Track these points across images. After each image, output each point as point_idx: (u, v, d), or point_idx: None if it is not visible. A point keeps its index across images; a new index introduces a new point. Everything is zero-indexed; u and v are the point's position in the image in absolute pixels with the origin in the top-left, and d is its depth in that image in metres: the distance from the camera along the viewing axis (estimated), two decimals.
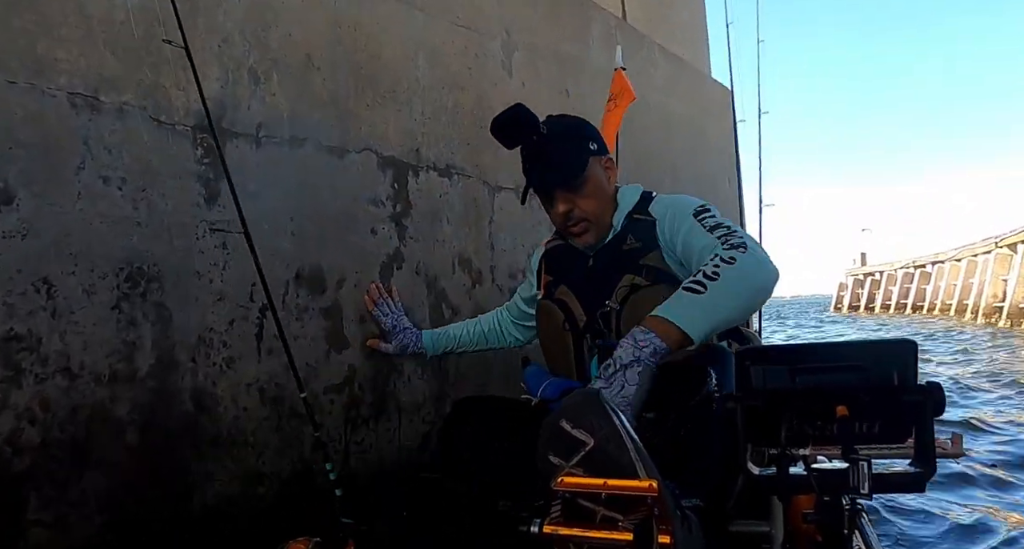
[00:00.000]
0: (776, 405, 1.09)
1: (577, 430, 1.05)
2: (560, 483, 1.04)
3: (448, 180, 2.92)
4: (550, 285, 1.79)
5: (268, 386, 2.19)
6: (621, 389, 1.28)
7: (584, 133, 1.74)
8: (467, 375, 2.92)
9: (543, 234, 3.43)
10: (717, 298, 1.38)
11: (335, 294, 2.41)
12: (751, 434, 1.11)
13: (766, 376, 1.12)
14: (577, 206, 1.67)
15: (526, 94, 3.46)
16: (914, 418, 1.09)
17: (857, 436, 1.09)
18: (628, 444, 1.03)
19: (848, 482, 1.05)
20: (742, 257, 1.41)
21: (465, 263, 2.96)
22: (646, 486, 0.98)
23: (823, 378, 1.11)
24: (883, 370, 1.09)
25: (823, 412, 1.08)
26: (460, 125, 3.02)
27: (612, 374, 1.30)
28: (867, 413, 1.08)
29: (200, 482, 1.99)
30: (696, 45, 6.69)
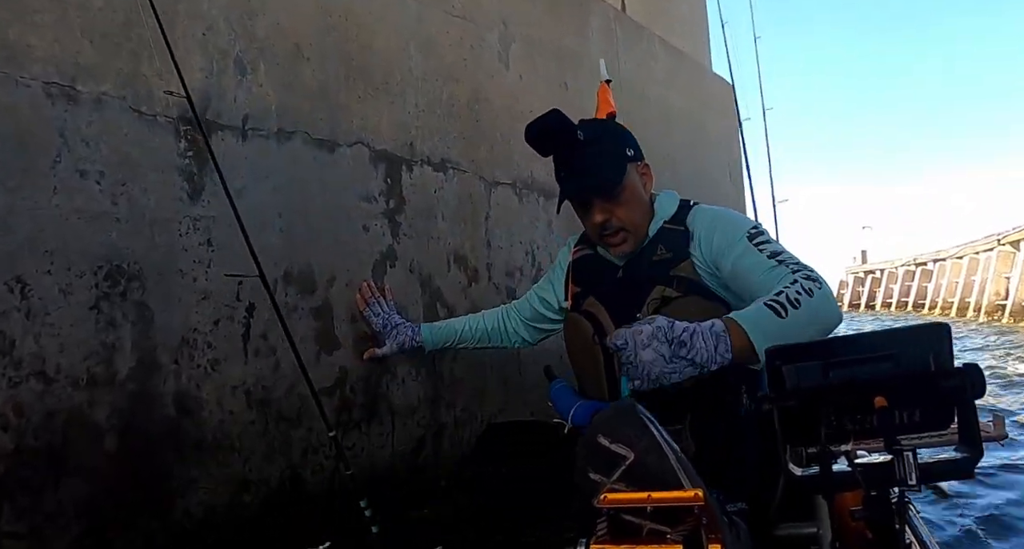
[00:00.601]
0: (812, 403, 1.06)
1: (616, 445, 1.03)
2: (603, 500, 1.01)
3: (443, 175, 2.85)
4: (578, 296, 1.75)
5: (255, 389, 2.12)
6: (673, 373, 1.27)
7: (621, 139, 1.70)
8: (464, 378, 2.85)
9: (541, 231, 3.37)
10: (794, 326, 1.36)
11: (326, 293, 2.34)
12: (789, 435, 1.09)
13: (799, 374, 1.09)
14: (615, 216, 1.63)
15: (523, 87, 3.39)
16: (955, 402, 1.06)
17: (899, 426, 1.06)
18: (669, 454, 1.02)
19: (894, 474, 1.03)
20: (819, 292, 1.40)
21: (460, 261, 2.89)
22: (691, 496, 0.97)
23: (857, 370, 1.08)
24: (917, 356, 1.06)
25: (861, 405, 1.05)
26: (455, 118, 2.95)
27: (681, 358, 1.27)
28: (906, 401, 1.05)
29: (183, 489, 1.93)
30: (696, 38, 6.62)
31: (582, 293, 1.74)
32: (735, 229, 1.59)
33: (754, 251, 1.53)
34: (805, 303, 1.38)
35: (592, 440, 1.06)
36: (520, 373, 3.17)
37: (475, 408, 2.90)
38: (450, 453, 2.75)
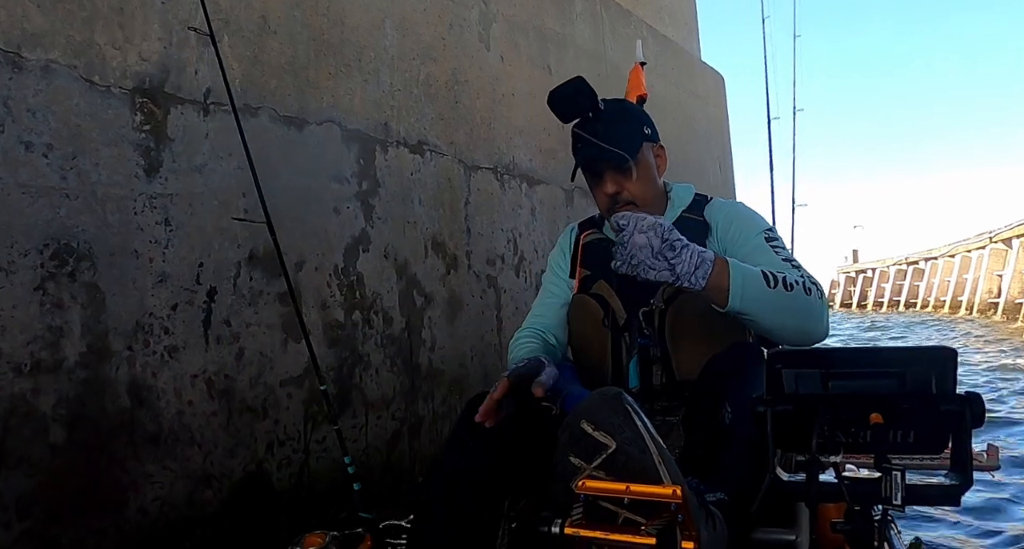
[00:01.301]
0: (807, 410, 1.06)
1: (598, 432, 1.04)
2: (581, 486, 1.03)
3: (420, 157, 2.77)
4: (586, 280, 1.73)
5: (217, 378, 2.02)
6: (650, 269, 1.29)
7: (639, 116, 1.70)
8: (443, 369, 2.76)
9: (523, 218, 3.28)
10: (776, 302, 1.37)
11: (294, 278, 2.25)
12: (781, 439, 1.09)
13: (798, 380, 1.09)
14: (625, 189, 1.62)
15: (505, 68, 3.31)
16: (951, 428, 1.05)
17: (891, 445, 1.07)
18: (651, 447, 1.02)
19: (880, 492, 1.04)
20: (816, 299, 1.43)
21: (439, 247, 2.81)
22: (669, 492, 0.97)
23: (857, 384, 1.07)
24: (920, 377, 1.05)
25: (856, 419, 1.05)
26: (433, 99, 2.86)
27: (664, 260, 1.29)
28: (902, 421, 1.05)
29: (138, 485, 1.83)
30: (685, 27, 6.56)
31: (591, 277, 1.72)
32: (752, 225, 1.62)
33: (768, 250, 1.55)
34: (798, 293, 1.39)
35: (575, 425, 1.06)
36: (501, 362, 3.08)
37: (455, 401, 2.81)
38: (428, 449, 2.67)
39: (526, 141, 3.39)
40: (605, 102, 1.63)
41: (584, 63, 4.01)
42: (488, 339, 3.02)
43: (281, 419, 2.17)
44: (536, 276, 3.36)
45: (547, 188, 3.51)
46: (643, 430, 1.04)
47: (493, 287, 3.07)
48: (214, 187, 2.07)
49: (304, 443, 2.24)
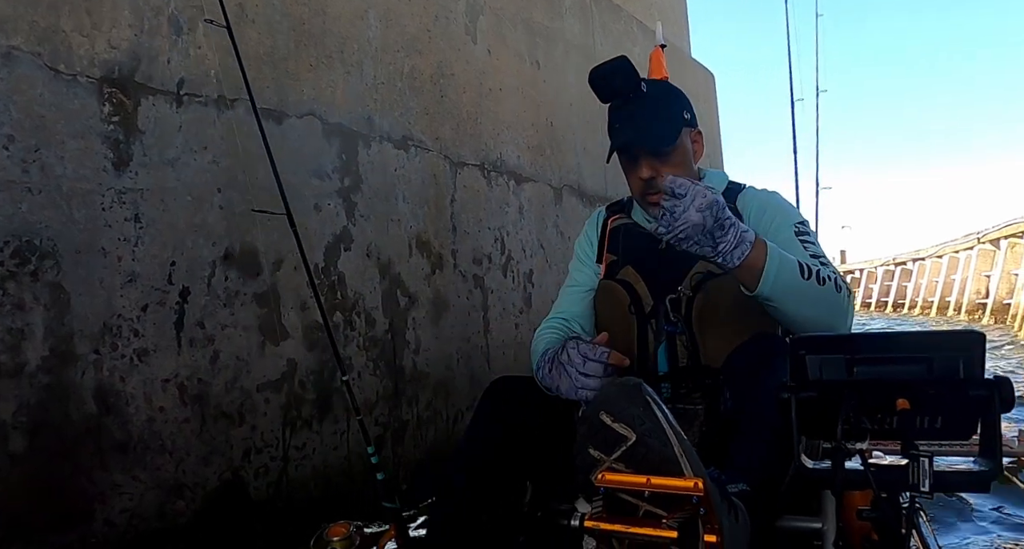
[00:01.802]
0: (832, 397, 1.05)
1: (618, 424, 1.03)
2: (601, 479, 1.02)
3: (404, 153, 2.69)
4: (613, 265, 1.70)
5: (190, 383, 1.94)
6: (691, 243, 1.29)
7: (681, 100, 1.67)
8: (428, 372, 2.69)
9: (511, 216, 3.22)
10: (807, 293, 1.37)
11: (271, 277, 2.17)
12: (805, 426, 1.08)
13: (822, 366, 1.07)
14: (661, 174, 1.56)
15: (492, 62, 3.24)
16: (980, 413, 1.03)
17: (918, 431, 1.06)
18: (672, 439, 1.01)
19: (907, 479, 1.02)
20: (845, 296, 1.44)
21: (423, 246, 2.73)
22: (691, 485, 0.97)
23: (883, 369, 1.05)
24: (947, 362, 1.04)
25: (882, 405, 1.04)
26: (418, 93, 2.79)
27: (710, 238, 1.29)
28: (929, 407, 1.04)
29: (105, 496, 1.75)
30: (675, 24, 6.51)
31: (618, 262, 1.69)
32: (785, 216, 1.61)
33: (799, 245, 1.54)
34: (828, 288, 1.39)
35: (594, 416, 1.05)
36: (489, 365, 3.02)
37: (440, 405, 2.74)
38: (412, 454, 2.59)
39: (514, 137, 3.32)
40: (647, 83, 1.59)
41: (574, 58, 3.95)
42: (474, 341, 2.95)
43: (258, 425, 2.10)
44: (524, 276, 3.29)
45: (535, 186, 3.45)
46: (663, 421, 1.03)
47: (480, 287, 3.00)
48: (188, 182, 1.99)
49: (283, 450, 2.16)
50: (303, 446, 2.22)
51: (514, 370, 3.16)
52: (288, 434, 2.18)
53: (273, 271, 2.17)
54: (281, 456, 2.16)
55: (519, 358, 3.19)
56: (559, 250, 3.58)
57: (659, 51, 3.26)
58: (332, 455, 2.30)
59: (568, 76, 3.87)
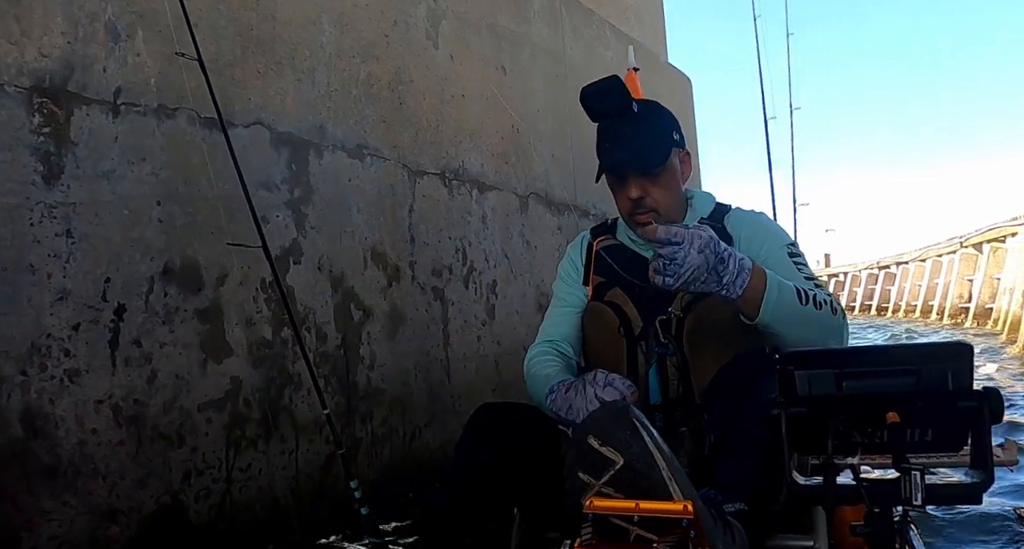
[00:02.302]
0: (822, 412, 1.06)
1: (605, 448, 1.04)
2: (590, 505, 1.03)
3: (359, 162, 2.65)
4: (600, 286, 1.70)
5: (125, 404, 1.90)
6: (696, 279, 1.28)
7: (670, 121, 1.69)
8: (383, 387, 2.65)
9: (473, 227, 3.18)
10: (804, 319, 1.39)
11: (214, 293, 2.13)
12: (796, 442, 1.09)
13: (811, 381, 1.09)
14: (649, 194, 1.61)
15: (454, 68, 3.21)
16: (970, 425, 1.06)
17: (909, 444, 1.07)
18: (660, 462, 1.03)
19: (900, 493, 1.04)
20: (840, 319, 1.46)
21: (379, 258, 2.69)
22: (680, 508, 0.99)
23: (872, 383, 1.07)
24: (936, 374, 1.06)
25: (872, 418, 1.06)
26: (375, 100, 2.75)
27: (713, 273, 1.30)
28: (920, 420, 1.06)
29: (32, 523, 1.70)
30: (651, 28, 6.50)
31: (606, 283, 1.70)
32: (776, 239, 1.64)
33: (791, 266, 1.57)
34: (825, 313, 1.42)
35: (583, 441, 1.06)
36: (449, 379, 2.98)
37: (396, 422, 2.70)
38: (366, 473, 2.55)
39: (477, 145, 3.29)
40: (639, 103, 1.62)
41: (542, 63, 3.92)
42: (434, 354, 2.91)
43: (199, 446, 2.05)
44: (487, 287, 3.26)
45: (500, 194, 3.42)
46: (651, 445, 1.04)
47: (440, 300, 2.97)
48: (124, 195, 1.94)
49: (226, 472, 2.12)
50: (248, 467, 2.17)
51: (476, 384, 3.13)
52: (232, 455, 2.14)
53: (216, 286, 2.13)
54: (224, 478, 2.11)
55: (481, 371, 3.16)
56: (524, 260, 3.55)
57: (633, 75, 3.25)
58: (279, 476, 2.26)
59: (535, 81, 3.85)
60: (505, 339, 3.35)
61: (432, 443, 2.85)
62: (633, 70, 3.28)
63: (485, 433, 1.45)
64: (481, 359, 3.17)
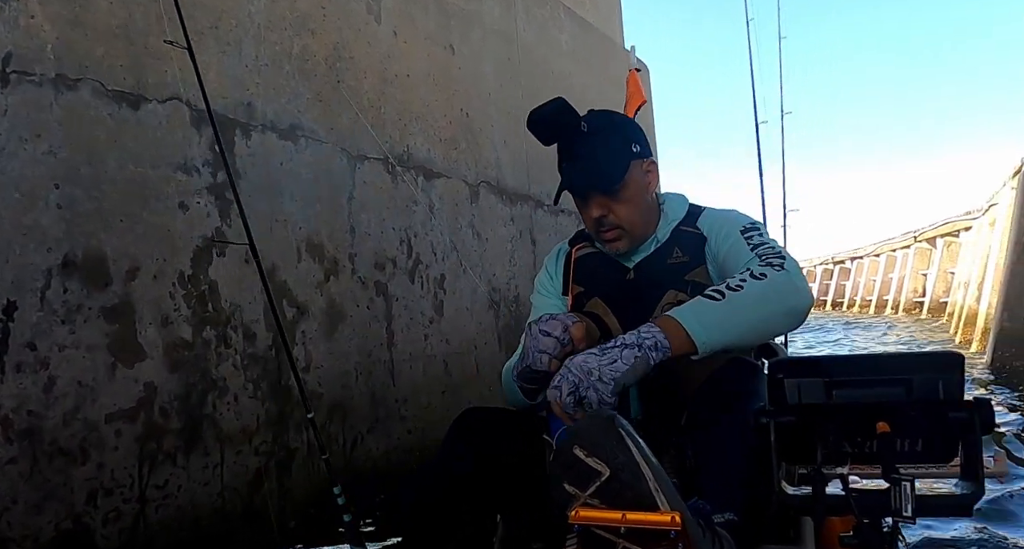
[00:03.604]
0: (811, 421, 1.08)
1: (591, 458, 1.04)
2: (575, 516, 1.03)
3: (292, 145, 2.46)
4: (580, 296, 1.71)
5: (16, 416, 1.70)
6: (612, 363, 1.26)
7: (627, 133, 1.68)
8: (319, 392, 2.47)
9: (419, 217, 3.02)
10: (734, 310, 1.36)
11: (124, 288, 1.93)
12: (784, 452, 1.11)
13: (801, 390, 1.11)
14: (612, 212, 1.61)
15: (399, 46, 3.03)
16: (961, 435, 1.07)
17: (899, 454, 1.09)
18: (646, 472, 1.03)
19: (889, 504, 1.05)
20: (774, 275, 1.41)
21: (315, 249, 2.51)
22: (667, 519, 0.99)
23: (862, 392, 1.09)
24: (926, 384, 1.08)
25: (862, 428, 1.08)
26: (310, 77, 2.56)
27: (609, 348, 1.28)
28: (910, 430, 1.08)
29: None
30: (606, 11, 6.39)
31: (585, 293, 1.71)
32: (734, 224, 1.64)
33: (742, 243, 1.57)
34: (749, 287, 1.38)
35: (568, 451, 1.07)
36: (393, 381, 2.81)
37: (335, 429, 2.52)
38: (302, 487, 2.37)
39: (424, 129, 3.12)
40: (590, 119, 1.61)
41: (493, 44, 3.76)
42: (376, 355, 2.74)
43: (107, 462, 1.85)
44: (435, 281, 3.09)
45: (448, 182, 3.25)
46: (638, 454, 1.04)
47: (383, 295, 2.79)
48: (15, 176, 1.74)
49: (139, 490, 1.92)
50: (165, 484, 1.98)
51: (423, 386, 2.97)
52: (146, 471, 1.94)
53: (126, 281, 1.93)
54: (137, 497, 1.91)
55: (428, 373, 2.99)
56: (475, 252, 3.39)
57: (635, 75, 3.13)
58: (202, 493, 2.07)
59: (486, 63, 3.69)
60: (454, 338, 3.19)
61: (375, 451, 2.68)
62: (635, 70, 3.17)
63: (471, 438, 1.44)
64: (428, 359, 3.01)
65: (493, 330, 3.48)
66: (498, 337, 3.52)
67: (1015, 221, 6.80)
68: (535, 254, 3.92)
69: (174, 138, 2.09)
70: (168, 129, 2.08)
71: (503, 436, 1.46)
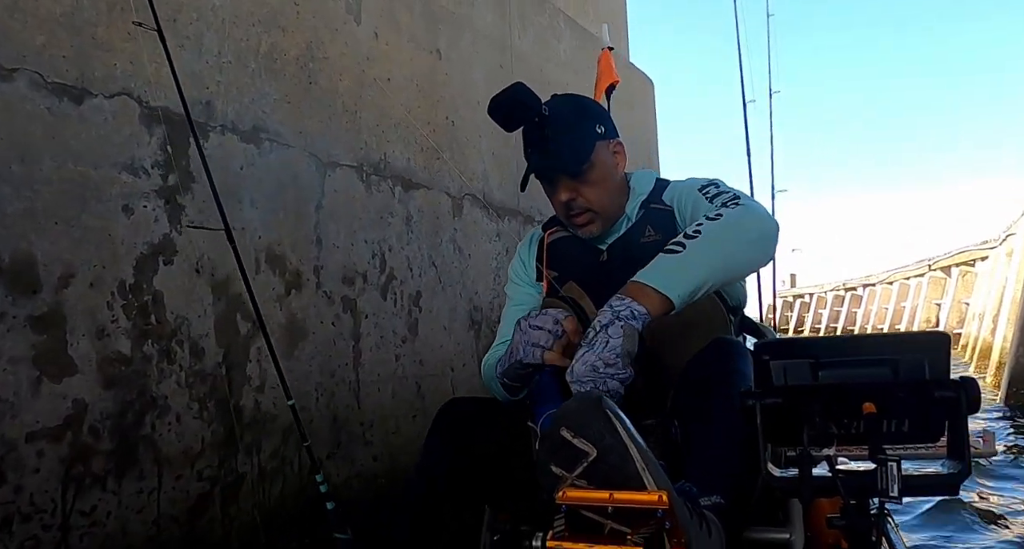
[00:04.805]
0: (797, 402, 1.10)
1: (578, 439, 1.07)
2: (563, 496, 1.06)
3: (255, 148, 2.36)
4: (555, 281, 1.75)
5: None
6: (606, 345, 1.26)
7: (591, 114, 1.73)
8: (274, 414, 2.35)
9: (395, 228, 2.91)
10: (697, 255, 1.38)
11: (56, 297, 1.82)
12: (771, 434, 1.12)
13: (787, 371, 1.12)
14: (581, 195, 1.66)
15: (380, 48, 2.94)
16: (947, 415, 1.09)
17: (885, 435, 1.10)
18: (633, 453, 1.06)
19: (876, 484, 1.06)
20: (729, 212, 1.43)
21: (275, 260, 2.40)
22: (655, 499, 1.02)
23: (848, 373, 1.11)
24: (913, 364, 1.09)
25: (848, 409, 1.09)
26: (277, 76, 2.47)
27: (594, 337, 1.29)
28: (896, 410, 1.09)
29: None
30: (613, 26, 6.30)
31: (559, 278, 1.75)
32: (692, 188, 1.68)
33: (701, 201, 1.61)
34: (706, 229, 1.40)
35: (555, 433, 1.09)
36: (359, 404, 2.69)
37: (291, 453, 2.40)
38: (250, 515, 2.25)
39: (403, 136, 3.02)
40: (552, 103, 1.63)
41: (483, 50, 3.67)
42: (341, 375, 2.62)
43: (26, 485, 1.73)
44: (409, 298, 2.98)
45: (428, 194, 3.14)
46: (625, 435, 1.06)
47: (350, 311, 2.68)
48: None
49: (62, 516, 1.80)
50: (92, 510, 1.86)
51: (392, 410, 2.84)
52: (71, 495, 1.82)
53: (58, 288, 1.82)
54: (58, 524, 1.79)
55: (399, 395, 2.87)
56: (456, 269, 3.27)
57: (607, 54, 3.09)
58: (135, 520, 1.95)
59: (476, 70, 3.59)
60: (430, 359, 3.07)
61: (335, 478, 2.55)
62: (608, 49, 3.12)
63: (455, 427, 1.47)
64: (399, 381, 2.89)
65: (472, 351, 3.36)
66: (477, 359, 3.40)
67: None
68: None
69: (120, 136, 1.99)
70: (114, 126, 1.97)
71: (486, 426, 1.48)
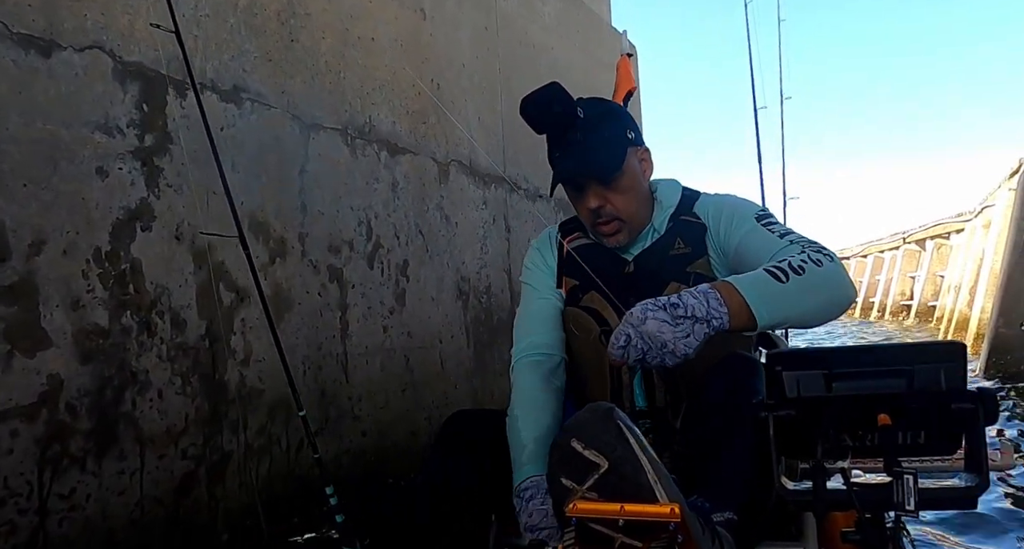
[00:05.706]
0: (811, 414, 1.09)
1: (589, 451, 1.07)
2: (573, 509, 1.06)
3: (235, 108, 2.25)
4: (575, 290, 1.70)
5: None
6: (686, 338, 1.24)
7: (623, 120, 1.67)
8: (260, 389, 2.27)
9: (381, 195, 2.82)
10: (797, 293, 1.35)
11: (26, 265, 1.71)
12: (784, 446, 1.11)
13: (800, 382, 1.11)
14: (610, 202, 1.61)
15: (363, 4, 2.83)
16: (964, 427, 1.07)
17: (901, 447, 1.09)
18: (645, 465, 1.05)
19: (892, 498, 1.05)
20: (830, 264, 1.41)
21: (259, 228, 2.30)
22: (667, 511, 1.01)
23: (862, 384, 1.09)
24: (929, 375, 1.07)
25: (863, 421, 1.08)
26: (257, 33, 2.35)
27: (681, 318, 1.26)
28: (912, 422, 1.08)
29: None
30: None
31: (580, 287, 1.70)
32: (744, 210, 1.63)
33: (763, 231, 1.56)
34: (811, 271, 1.37)
35: (565, 444, 1.09)
36: (347, 377, 2.60)
37: (278, 430, 2.32)
38: (238, 495, 2.16)
39: (389, 99, 2.91)
40: (584, 105, 1.58)
41: (468, 11, 3.56)
42: (328, 347, 2.53)
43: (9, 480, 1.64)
44: (397, 267, 2.89)
45: (415, 159, 3.05)
46: (637, 447, 1.06)
47: (337, 281, 2.59)
48: None
49: (39, 499, 1.71)
50: (71, 493, 1.77)
51: (381, 383, 2.77)
52: (48, 478, 1.73)
53: (29, 256, 1.71)
54: (35, 507, 1.70)
55: (387, 368, 2.79)
56: (443, 237, 3.19)
57: (626, 61, 3.00)
58: (116, 502, 1.86)
59: (462, 31, 3.49)
60: (418, 330, 2.99)
61: (324, 455, 2.47)
62: (626, 56, 3.03)
63: (463, 438, 1.48)
64: (387, 354, 2.81)
65: (461, 323, 3.29)
66: (466, 330, 3.33)
67: (1014, 223, 6.70)
68: (509, 241, 3.72)
69: (92, 93, 1.87)
70: (86, 81, 1.86)
71: (494, 436, 1.49)
